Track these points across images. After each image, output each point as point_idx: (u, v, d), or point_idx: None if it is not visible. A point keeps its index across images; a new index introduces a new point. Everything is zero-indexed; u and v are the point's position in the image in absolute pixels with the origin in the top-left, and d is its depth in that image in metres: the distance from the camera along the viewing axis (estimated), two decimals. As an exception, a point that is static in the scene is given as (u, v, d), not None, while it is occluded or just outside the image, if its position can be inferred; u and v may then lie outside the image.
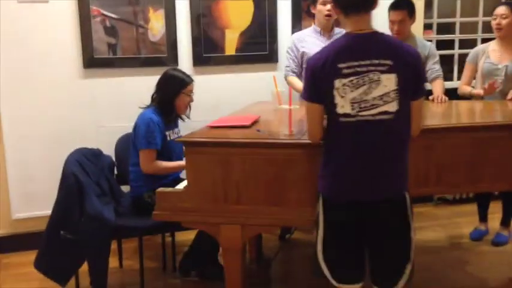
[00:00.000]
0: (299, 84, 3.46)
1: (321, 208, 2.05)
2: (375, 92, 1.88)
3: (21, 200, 3.69)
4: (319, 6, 3.49)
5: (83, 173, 2.92)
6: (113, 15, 3.61)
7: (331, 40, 3.52)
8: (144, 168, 2.98)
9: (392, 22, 3.41)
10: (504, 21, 3.29)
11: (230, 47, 3.86)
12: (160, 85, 3.12)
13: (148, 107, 3.11)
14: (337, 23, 3.65)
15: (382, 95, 1.88)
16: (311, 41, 3.56)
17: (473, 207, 3.97)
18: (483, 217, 3.79)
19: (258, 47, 3.91)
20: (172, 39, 3.75)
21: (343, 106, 1.90)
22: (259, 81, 3.93)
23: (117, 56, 3.68)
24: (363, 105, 1.89)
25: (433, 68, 3.53)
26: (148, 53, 3.72)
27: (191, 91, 3.12)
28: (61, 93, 3.65)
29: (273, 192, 2.28)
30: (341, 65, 1.89)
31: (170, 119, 3.11)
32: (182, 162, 2.97)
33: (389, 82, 1.87)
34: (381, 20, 3.91)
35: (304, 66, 3.56)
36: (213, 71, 3.85)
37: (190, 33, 3.79)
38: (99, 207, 2.85)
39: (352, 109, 1.90)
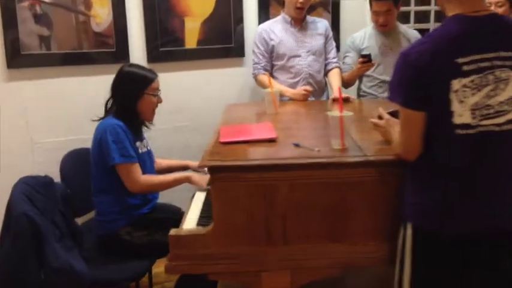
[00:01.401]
0: (275, 85, 2.91)
1: (410, 241, 1.61)
2: (502, 95, 1.45)
3: None
4: None
5: (36, 211, 2.14)
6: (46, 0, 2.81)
7: (307, 31, 3.07)
8: (133, 186, 2.28)
9: (376, 13, 3.06)
10: (500, 10, 3.05)
11: (191, 39, 3.22)
12: (116, 88, 2.40)
13: (103, 118, 2.40)
14: (309, 10, 3.20)
15: (511, 98, 1.46)
16: (281, 33, 3.08)
17: None
18: None
19: (223, 38, 3.31)
20: (122, 29, 3.02)
21: (461, 115, 1.45)
22: (225, 79, 3.36)
23: (52, 52, 2.87)
24: (485, 112, 1.45)
25: None
26: (91, 47, 2.95)
27: (157, 89, 2.43)
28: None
29: (332, 224, 1.77)
30: (461, 60, 1.43)
31: (135, 129, 2.42)
32: (177, 175, 2.39)
33: None
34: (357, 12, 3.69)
35: (274, 62, 3.08)
36: (171, 68, 3.18)
37: (143, 22, 3.09)
38: (64, 257, 2.09)
39: (473, 118, 1.45)
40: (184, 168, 2.64)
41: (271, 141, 1.99)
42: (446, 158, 1.51)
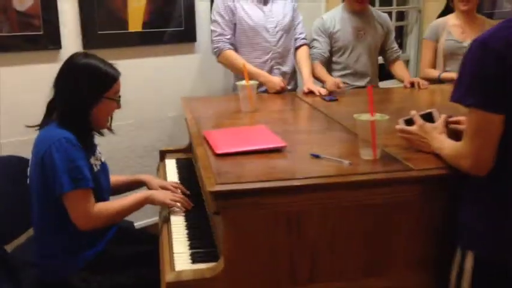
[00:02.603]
0: (243, 64, 2.43)
1: (469, 274, 1.35)
2: None
3: None
4: None
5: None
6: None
7: (271, 4, 2.67)
8: (83, 221, 1.69)
9: None
10: None
11: (135, 21, 2.70)
12: (63, 86, 1.76)
13: (44, 125, 1.79)
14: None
15: None
16: (246, 4, 2.64)
17: None
18: None
19: (171, 20, 2.82)
20: (51, 8, 2.43)
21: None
22: (175, 68, 2.89)
23: (-40, 35, 2.23)
24: None
25: (393, 47, 2.99)
26: (13, 30, 2.34)
27: (118, 92, 1.86)
28: None
29: (371, 256, 1.43)
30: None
31: (87, 140, 1.83)
32: (136, 196, 1.81)
33: None
34: None
35: (242, 38, 2.64)
36: (111, 56, 2.57)
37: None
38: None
39: None
40: (138, 184, 2.08)
41: (279, 150, 1.60)
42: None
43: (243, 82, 2.22)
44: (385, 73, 3.17)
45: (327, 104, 2.37)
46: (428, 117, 1.59)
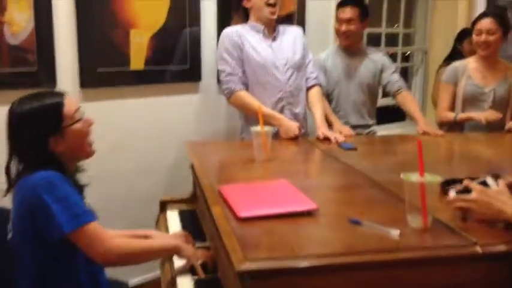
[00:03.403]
0: (258, 106, 2.22)
1: None
2: None
3: None
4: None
5: None
6: None
7: (280, 41, 2.54)
8: (107, 253, 1.43)
9: (340, 21, 2.80)
10: (492, 38, 2.72)
11: (137, 58, 2.50)
12: (17, 144, 1.52)
13: (18, 179, 1.52)
14: (280, 21, 2.64)
15: None
16: (253, 39, 2.48)
17: None
18: None
19: (177, 57, 2.63)
20: (46, 42, 2.22)
21: None
22: (178, 109, 2.68)
23: None
24: None
25: (393, 79, 2.87)
26: (4, 66, 2.13)
27: (76, 111, 1.56)
28: None
29: None
30: None
31: (72, 180, 1.57)
32: (164, 241, 1.63)
33: None
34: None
35: (250, 77, 2.47)
36: (111, 95, 2.44)
37: (76, 32, 2.31)
38: None
39: None
40: None
41: (309, 214, 1.38)
42: None
43: (258, 128, 2.01)
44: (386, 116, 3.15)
45: (345, 152, 2.17)
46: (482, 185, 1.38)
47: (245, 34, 2.48)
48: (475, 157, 2.25)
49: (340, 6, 2.82)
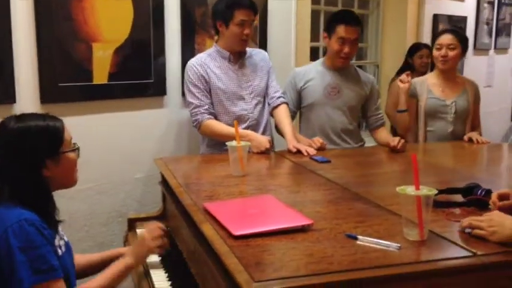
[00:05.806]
0: (227, 130, 2.33)
1: None
2: None
3: None
4: (233, 28, 2.41)
5: None
6: None
7: (246, 68, 2.54)
8: None
9: (342, 41, 2.58)
10: (452, 53, 2.81)
11: (100, 72, 2.39)
12: (7, 160, 1.41)
13: None
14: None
15: None
16: (218, 70, 2.48)
17: None
18: None
19: (141, 71, 2.55)
20: (5, 56, 2.09)
21: None
22: (141, 124, 2.59)
23: None
24: None
25: (378, 113, 2.82)
26: (-43, 80, 1.98)
27: (71, 140, 1.52)
28: None
29: None
30: None
31: (51, 214, 1.47)
32: (118, 265, 1.54)
33: None
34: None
35: (218, 108, 2.47)
36: (73, 111, 2.30)
37: (36, 46, 2.19)
38: None
39: None
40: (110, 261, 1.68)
41: (304, 230, 1.34)
42: None
43: (234, 143, 1.97)
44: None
45: (319, 165, 2.16)
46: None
47: (209, 63, 2.47)
48: (440, 167, 2.29)
49: (344, 23, 2.57)
